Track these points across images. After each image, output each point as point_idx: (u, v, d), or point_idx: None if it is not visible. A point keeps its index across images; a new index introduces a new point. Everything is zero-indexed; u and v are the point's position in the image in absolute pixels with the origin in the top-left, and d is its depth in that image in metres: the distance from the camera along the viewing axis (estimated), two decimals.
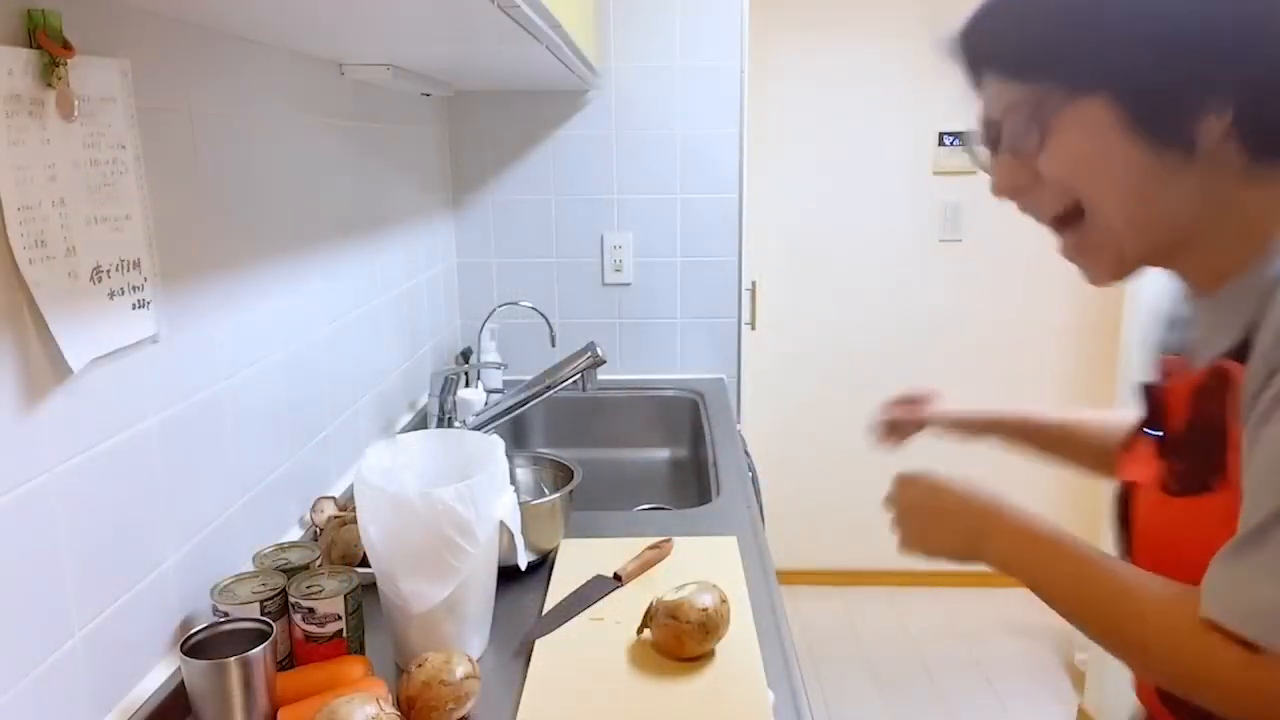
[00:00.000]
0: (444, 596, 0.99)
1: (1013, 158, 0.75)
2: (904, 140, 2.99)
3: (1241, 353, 0.68)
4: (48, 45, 0.75)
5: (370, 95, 1.65)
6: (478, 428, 1.71)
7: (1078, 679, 2.67)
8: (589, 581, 1.23)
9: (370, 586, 1.04)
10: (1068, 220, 0.75)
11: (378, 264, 1.70)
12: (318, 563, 1.11)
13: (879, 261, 3.09)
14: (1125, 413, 0.97)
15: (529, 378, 1.76)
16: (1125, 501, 0.83)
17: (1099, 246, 0.74)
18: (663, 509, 1.66)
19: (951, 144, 2.96)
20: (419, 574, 0.98)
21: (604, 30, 2.12)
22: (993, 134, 0.77)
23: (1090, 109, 0.69)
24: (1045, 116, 0.71)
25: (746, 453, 1.87)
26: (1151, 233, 0.72)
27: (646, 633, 1.07)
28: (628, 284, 2.27)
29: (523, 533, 1.07)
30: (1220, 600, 0.63)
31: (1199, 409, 0.73)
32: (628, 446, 2.17)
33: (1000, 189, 0.77)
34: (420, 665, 0.92)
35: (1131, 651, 0.70)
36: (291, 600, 1.00)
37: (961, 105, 0.82)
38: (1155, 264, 0.76)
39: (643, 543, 1.31)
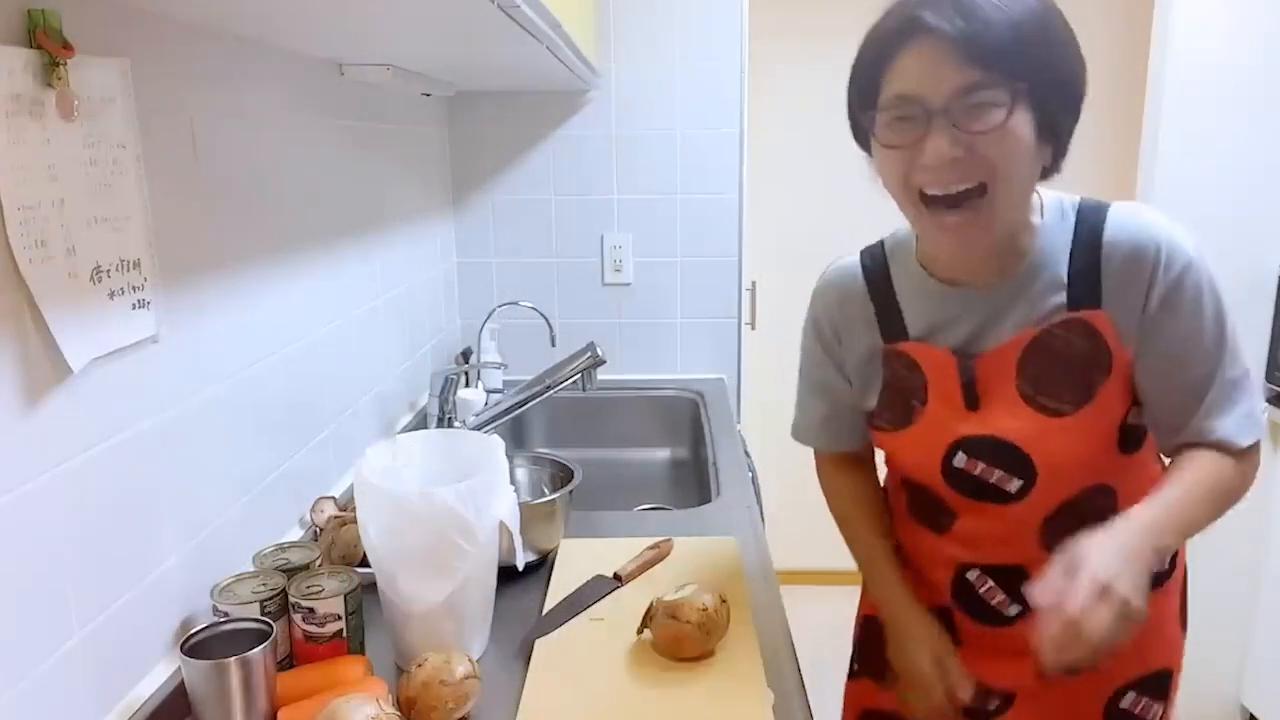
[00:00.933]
0: (444, 596, 0.99)
1: (956, 131, 0.85)
2: None
3: (1085, 304, 0.94)
4: (48, 45, 0.75)
5: (370, 95, 1.65)
6: (478, 428, 1.71)
7: None
8: (589, 581, 1.23)
9: (370, 586, 1.04)
10: (966, 196, 0.88)
11: (378, 264, 1.70)
12: (318, 563, 1.11)
13: None
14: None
15: (529, 378, 1.76)
16: (1011, 449, 0.98)
17: (987, 223, 0.90)
18: (663, 509, 1.66)
19: None
20: (419, 574, 0.98)
21: (604, 30, 2.12)
22: (929, 107, 0.86)
23: (1025, 110, 0.86)
24: (1014, 104, 0.84)
25: (746, 453, 1.87)
26: (1019, 217, 0.95)
27: (646, 633, 1.07)
28: (628, 284, 2.27)
29: (522, 533, 1.07)
30: (1247, 433, 0.96)
31: (1061, 353, 0.95)
32: (628, 446, 2.17)
33: (942, 158, 0.86)
34: (420, 665, 0.92)
35: (1235, 503, 1.00)
36: (291, 600, 1.00)
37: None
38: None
39: (643, 543, 1.31)
